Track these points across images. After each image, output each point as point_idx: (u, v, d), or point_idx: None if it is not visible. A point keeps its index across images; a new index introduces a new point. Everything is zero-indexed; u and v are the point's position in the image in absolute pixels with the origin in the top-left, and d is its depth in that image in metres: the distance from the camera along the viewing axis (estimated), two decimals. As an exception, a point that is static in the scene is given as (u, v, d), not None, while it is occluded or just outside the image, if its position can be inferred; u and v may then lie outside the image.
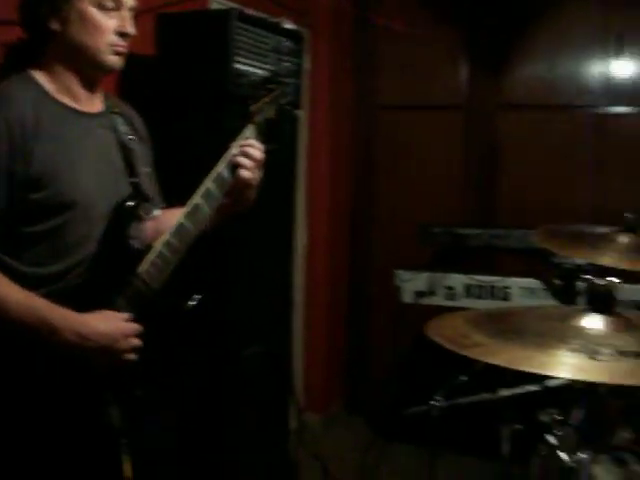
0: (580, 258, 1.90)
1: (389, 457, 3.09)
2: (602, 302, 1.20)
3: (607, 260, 1.84)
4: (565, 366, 1.04)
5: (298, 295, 3.50)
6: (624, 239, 1.89)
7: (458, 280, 3.13)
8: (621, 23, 3.49)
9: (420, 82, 3.79)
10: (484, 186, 3.69)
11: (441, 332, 1.18)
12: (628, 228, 1.89)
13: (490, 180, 3.69)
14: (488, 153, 3.70)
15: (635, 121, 3.53)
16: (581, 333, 1.16)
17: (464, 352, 1.08)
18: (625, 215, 1.91)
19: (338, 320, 3.92)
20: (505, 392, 1.87)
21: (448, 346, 1.11)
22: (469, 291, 3.10)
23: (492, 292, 3.06)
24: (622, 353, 1.05)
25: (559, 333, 1.14)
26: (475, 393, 2.11)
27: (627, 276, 2.53)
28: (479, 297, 3.09)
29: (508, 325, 1.21)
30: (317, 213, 3.70)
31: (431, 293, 3.12)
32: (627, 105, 3.55)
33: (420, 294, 3.14)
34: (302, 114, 2.93)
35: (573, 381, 1.52)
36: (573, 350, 1.07)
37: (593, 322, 1.20)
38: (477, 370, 2.15)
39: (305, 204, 3.63)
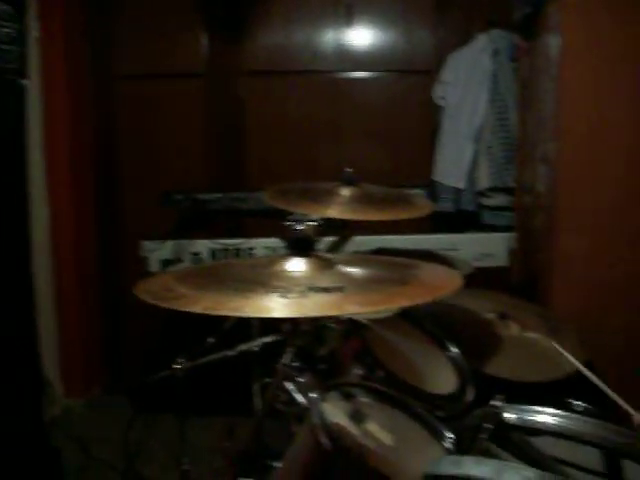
0: (308, 213, 1.99)
1: (151, 430, 3.07)
2: (302, 246, 1.28)
3: (332, 212, 1.95)
4: (256, 306, 1.10)
5: (44, 277, 3.33)
6: (345, 192, 2.02)
7: (203, 245, 3.16)
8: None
9: (159, 50, 3.73)
10: (229, 152, 3.75)
11: (148, 289, 1.18)
12: (347, 182, 2.03)
13: (235, 145, 3.75)
14: (231, 119, 3.76)
15: (366, 85, 3.77)
16: (282, 276, 1.23)
17: (165, 304, 1.10)
18: (344, 170, 2.04)
19: (91, 300, 3.79)
20: (243, 347, 1.92)
21: (151, 301, 1.12)
22: (215, 255, 3.14)
23: (237, 254, 3.12)
24: (312, 289, 1.13)
25: (261, 278, 1.20)
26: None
27: (361, 229, 2.74)
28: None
29: (215, 276, 1.25)
30: (59, 187, 3.52)
31: (178, 260, 3.12)
32: (359, 70, 3.78)
33: (167, 262, 3.14)
34: (29, 84, 2.76)
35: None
36: (268, 292, 1.13)
37: (295, 265, 1.27)
38: (225, 330, 2.20)
39: (44, 178, 3.44)
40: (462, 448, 0.95)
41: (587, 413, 2.12)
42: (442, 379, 1.98)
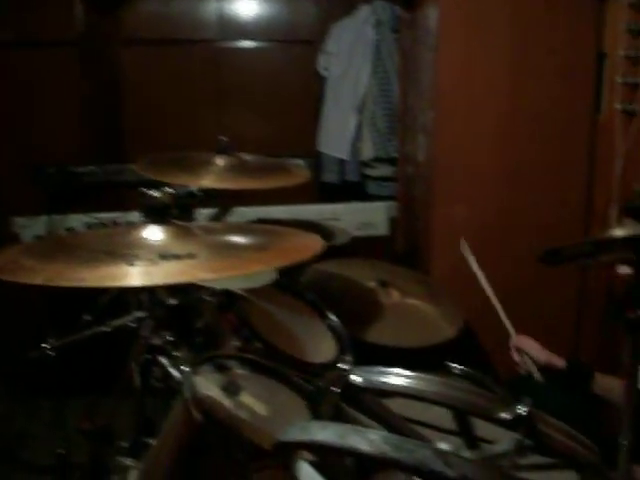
0: (181, 183, 1.93)
1: (31, 414, 2.95)
2: (158, 213, 1.24)
3: (206, 182, 1.91)
4: (101, 276, 1.05)
5: None
6: (220, 161, 1.98)
7: (78, 220, 3.02)
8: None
9: (32, 18, 3.53)
10: (108, 123, 3.61)
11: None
12: (221, 150, 1.98)
13: (114, 117, 3.62)
14: (110, 90, 3.62)
15: (249, 55, 3.71)
16: (136, 244, 1.18)
17: (6, 277, 1.03)
18: (219, 138, 2.00)
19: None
20: (117, 322, 1.85)
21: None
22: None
23: (115, 228, 3.03)
24: (163, 257, 1.09)
25: (114, 247, 1.15)
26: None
27: (244, 200, 2.71)
28: (102, 235, 3.03)
29: (65, 247, 1.19)
30: None
31: (52, 236, 2.99)
32: (241, 40, 3.71)
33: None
34: None
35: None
36: (115, 261, 1.09)
37: (151, 233, 1.23)
38: (101, 306, 2.13)
39: None
40: (316, 413, 0.94)
41: (466, 376, 2.20)
42: (322, 348, 1.98)
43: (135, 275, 1.04)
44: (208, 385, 1.53)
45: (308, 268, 2.39)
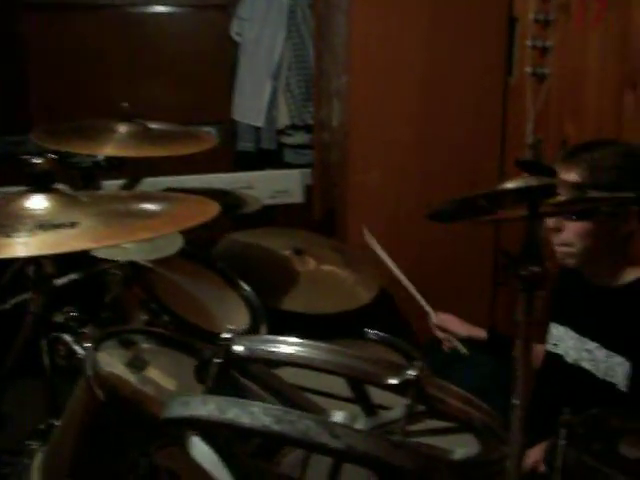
0: (82, 151, 1.86)
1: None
2: (42, 181, 1.17)
3: (109, 150, 1.84)
4: None
5: None
6: (123, 128, 1.91)
7: (-21, 195, 2.88)
8: None
9: None
10: (10, 93, 3.43)
11: None
12: (124, 118, 1.91)
13: (16, 86, 3.44)
14: (11, 59, 3.43)
15: (160, 20, 3.58)
16: (15, 215, 1.11)
17: None
18: (121, 104, 1.92)
19: None
20: (16, 300, 1.76)
21: None
22: None
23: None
24: (42, 227, 1.03)
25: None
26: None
27: (156, 170, 2.62)
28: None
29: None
30: None
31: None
32: (152, 5, 3.57)
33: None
34: None
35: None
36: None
37: (34, 203, 1.16)
38: (2, 285, 2.03)
39: None
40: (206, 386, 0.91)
41: (383, 341, 2.20)
42: (234, 319, 1.96)
43: (10, 247, 0.98)
44: (111, 361, 1.48)
45: (222, 238, 2.35)
